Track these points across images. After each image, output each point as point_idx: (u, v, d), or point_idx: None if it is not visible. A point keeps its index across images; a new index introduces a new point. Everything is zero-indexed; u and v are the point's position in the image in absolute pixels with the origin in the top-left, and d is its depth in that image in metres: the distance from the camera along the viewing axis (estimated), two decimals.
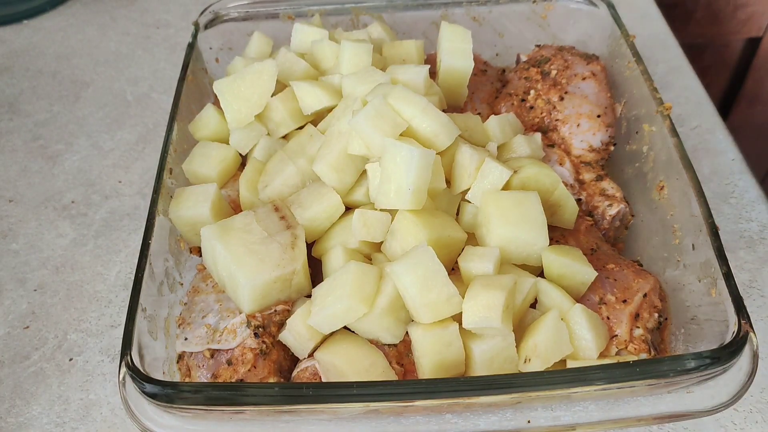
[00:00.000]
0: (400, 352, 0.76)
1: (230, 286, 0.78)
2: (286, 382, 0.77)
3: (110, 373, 0.93)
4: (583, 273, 0.77)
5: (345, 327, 0.76)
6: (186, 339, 0.78)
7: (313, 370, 0.74)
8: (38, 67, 1.45)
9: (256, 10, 1.16)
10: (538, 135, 0.95)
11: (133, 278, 0.77)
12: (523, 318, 0.76)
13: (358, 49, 0.93)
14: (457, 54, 0.95)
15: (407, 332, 0.75)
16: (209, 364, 0.76)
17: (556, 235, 0.86)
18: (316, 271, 0.82)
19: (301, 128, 0.94)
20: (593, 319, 0.75)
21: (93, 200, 1.17)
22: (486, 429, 0.68)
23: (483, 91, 1.06)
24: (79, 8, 1.62)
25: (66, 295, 1.02)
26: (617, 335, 0.76)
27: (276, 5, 1.16)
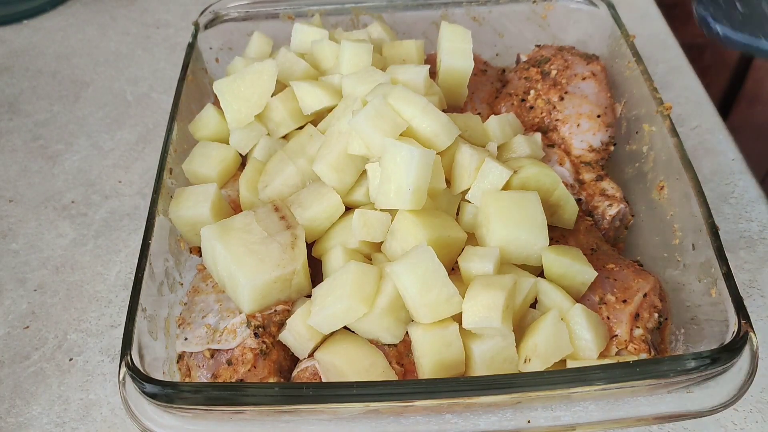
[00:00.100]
0: (400, 352, 0.76)
1: (230, 286, 0.78)
2: (286, 382, 0.77)
3: (110, 373, 0.93)
4: (583, 273, 0.77)
5: (345, 327, 0.76)
6: (186, 339, 0.78)
7: (313, 370, 0.74)
8: (38, 67, 1.45)
9: (256, 10, 1.16)
10: (538, 135, 0.95)
11: (133, 278, 0.77)
12: (523, 318, 0.76)
13: (358, 49, 0.93)
14: (457, 54, 0.95)
15: (407, 332, 0.75)
16: (209, 364, 0.76)
17: (556, 235, 0.86)
18: (316, 271, 0.82)
19: (301, 128, 0.94)
20: (593, 319, 0.75)
21: (93, 200, 1.17)
22: (486, 429, 0.68)
23: (483, 91, 1.06)
24: (79, 8, 1.62)
25: (66, 295, 1.02)
26: (617, 335, 0.76)
27: (276, 5, 1.16)
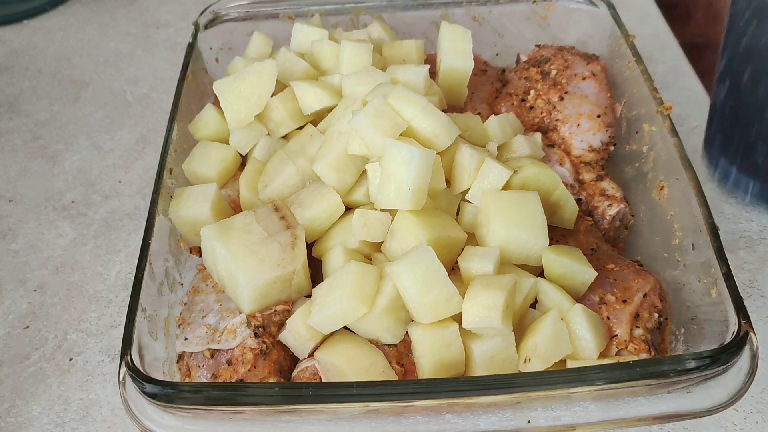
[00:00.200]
0: (400, 352, 0.76)
1: (230, 286, 0.78)
2: (286, 382, 0.77)
3: (110, 373, 0.93)
4: (583, 273, 0.77)
5: (345, 327, 0.76)
6: (186, 339, 0.78)
7: (313, 370, 0.74)
8: (38, 67, 1.45)
9: (256, 10, 1.16)
10: (538, 135, 0.95)
11: (133, 278, 0.77)
12: (523, 318, 0.76)
13: (358, 49, 0.93)
14: (457, 54, 0.95)
15: (407, 332, 0.75)
16: (209, 364, 0.76)
17: (556, 235, 0.86)
18: (316, 271, 0.82)
19: (301, 128, 0.94)
20: (593, 319, 0.75)
21: (93, 200, 1.17)
22: (486, 429, 0.68)
23: (483, 91, 1.06)
24: (79, 8, 1.62)
25: (66, 295, 1.02)
26: (617, 335, 0.76)
27: (276, 5, 1.16)
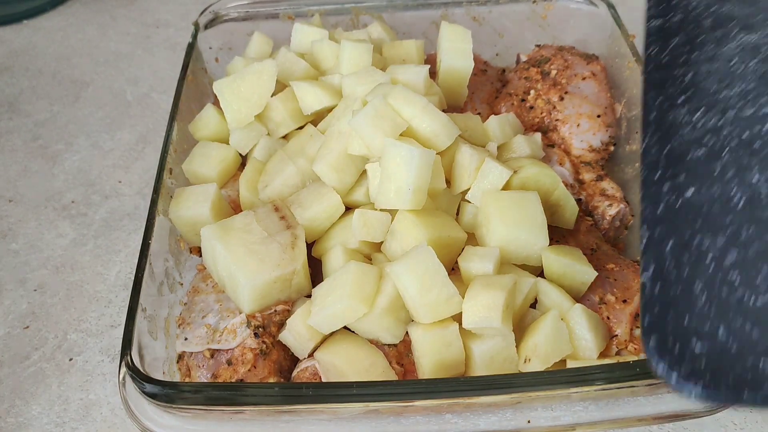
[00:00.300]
0: (400, 352, 0.76)
1: (230, 286, 0.78)
2: (286, 382, 0.77)
3: (110, 373, 0.93)
4: (583, 273, 0.77)
5: (345, 327, 0.76)
6: (186, 339, 0.78)
7: (313, 370, 0.74)
8: (38, 67, 1.45)
9: (256, 10, 1.16)
10: (538, 135, 0.95)
11: (133, 278, 0.77)
12: (523, 318, 0.76)
13: (358, 49, 0.93)
14: (457, 54, 0.95)
15: (407, 332, 0.75)
16: (209, 364, 0.76)
17: (556, 235, 0.86)
18: (316, 271, 0.82)
19: (301, 128, 0.94)
20: (593, 319, 0.75)
21: (93, 200, 1.17)
22: (486, 429, 0.68)
23: (483, 91, 1.06)
24: (79, 8, 1.62)
25: (66, 295, 1.02)
26: (617, 335, 0.76)
27: (276, 5, 1.16)
